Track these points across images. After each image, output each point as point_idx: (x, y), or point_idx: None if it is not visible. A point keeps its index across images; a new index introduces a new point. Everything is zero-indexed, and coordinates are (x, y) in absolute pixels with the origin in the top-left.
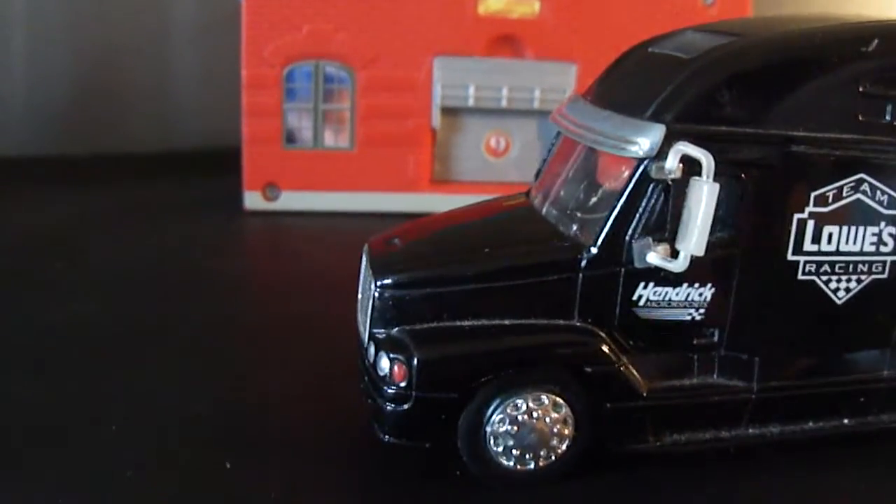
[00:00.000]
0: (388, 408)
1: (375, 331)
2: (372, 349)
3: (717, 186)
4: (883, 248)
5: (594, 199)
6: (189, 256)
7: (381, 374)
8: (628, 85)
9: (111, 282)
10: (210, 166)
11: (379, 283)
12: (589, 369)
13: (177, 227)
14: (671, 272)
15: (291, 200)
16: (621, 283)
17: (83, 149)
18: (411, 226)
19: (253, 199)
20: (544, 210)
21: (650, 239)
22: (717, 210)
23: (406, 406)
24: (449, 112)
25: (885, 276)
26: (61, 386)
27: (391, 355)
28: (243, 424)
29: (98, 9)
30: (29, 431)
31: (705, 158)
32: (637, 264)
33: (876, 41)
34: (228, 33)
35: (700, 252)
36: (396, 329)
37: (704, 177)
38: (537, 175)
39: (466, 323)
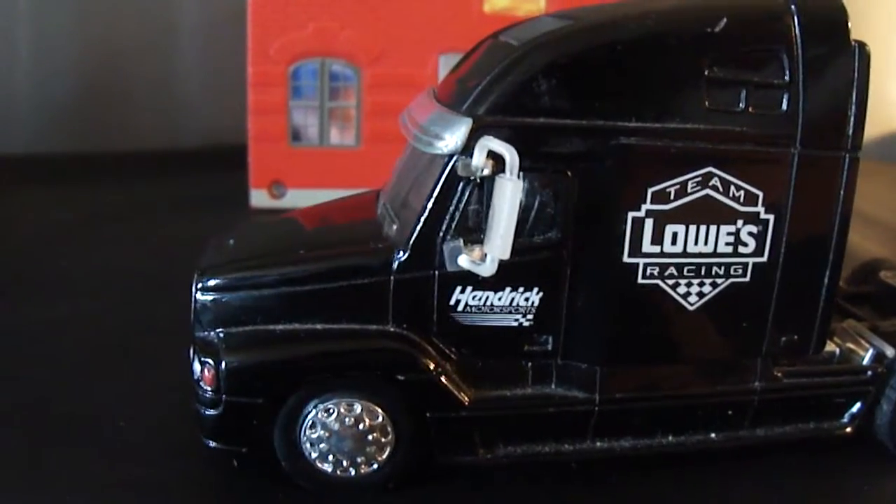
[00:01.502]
0: (204, 411)
1: (197, 333)
2: (190, 351)
3: (521, 184)
4: (742, 249)
5: (412, 200)
6: (194, 254)
7: (195, 377)
8: (463, 76)
9: (116, 279)
10: (216, 164)
11: (199, 285)
12: (401, 377)
13: (182, 225)
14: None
15: (297, 198)
16: (436, 288)
17: (88, 147)
18: (253, 225)
19: (259, 197)
20: (378, 210)
21: (461, 241)
22: (541, 208)
23: (218, 410)
24: None
25: (746, 279)
26: (65, 384)
27: (202, 359)
28: None
29: (104, 6)
30: (33, 430)
31: (508, 154)
32: (449, 268)
33: (724, 20)
34: (234, 31)
35: (504, 255)
36: (213, 332)
37: (508, 173)
38: None
39: (279, 327)
